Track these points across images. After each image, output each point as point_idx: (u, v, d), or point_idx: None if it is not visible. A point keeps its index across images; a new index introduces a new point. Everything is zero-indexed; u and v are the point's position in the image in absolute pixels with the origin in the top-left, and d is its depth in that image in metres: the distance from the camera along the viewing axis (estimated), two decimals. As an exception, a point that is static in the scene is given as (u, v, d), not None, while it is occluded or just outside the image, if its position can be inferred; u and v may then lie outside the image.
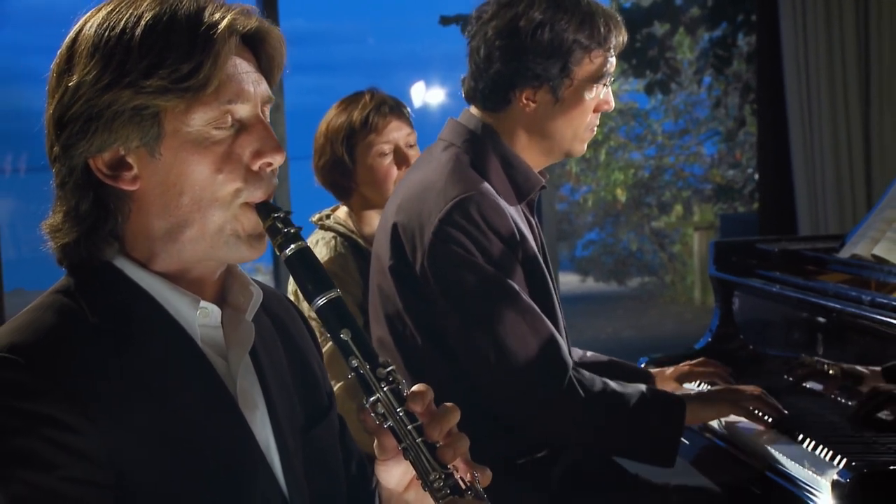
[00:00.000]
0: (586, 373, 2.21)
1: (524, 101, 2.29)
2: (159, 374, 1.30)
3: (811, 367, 2.47)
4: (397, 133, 2.95)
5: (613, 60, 2.33)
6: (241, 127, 1.34)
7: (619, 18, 2.33)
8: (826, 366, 2.43)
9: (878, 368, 2.27)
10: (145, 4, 1.32)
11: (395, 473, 1.36)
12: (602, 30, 2.27)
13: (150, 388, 1.29)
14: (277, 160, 1.36)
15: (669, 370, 2.62)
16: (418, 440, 1.28)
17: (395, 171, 2.92)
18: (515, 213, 2.29)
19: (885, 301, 2.26)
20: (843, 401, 2.36)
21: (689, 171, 12.64)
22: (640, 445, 2.22)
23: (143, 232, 1.35)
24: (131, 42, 1.29)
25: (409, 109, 3.03)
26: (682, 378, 2.61)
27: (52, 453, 1.20)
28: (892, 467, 1.92)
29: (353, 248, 2.95)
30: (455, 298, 2.18)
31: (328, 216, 3.04)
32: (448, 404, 1.32)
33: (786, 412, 2.28)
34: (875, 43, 4.96)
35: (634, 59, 8.34)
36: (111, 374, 1.26)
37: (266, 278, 6.80)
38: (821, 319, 2.46)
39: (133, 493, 1.25)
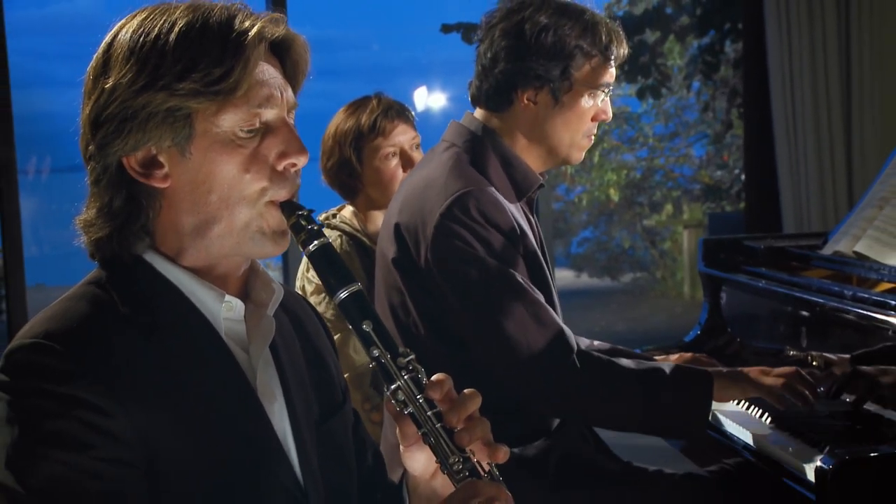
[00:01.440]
0: (595, 353, 2.19)
1: (525, 102, 2.29)
2: (185, 363, 1.31)
3: (796, 359, 2.47)
4: (403, 137, 2.95)
5: (613, 71, 2.33)
6: (267, 129, 1.35)
7: (622, 33, 2.33)
8: (810, 357, 2.43)
9: (846, 356, 2.27)
10: (178, 12, 1.33)
11: (419, 460, 1.36)
12: (604, 39, 2.28)
13: (176, 377, 1.29)
14: (301, 161, 1.37)
15: (674, 357, 2.61)
16: (437, 426, 1.29)
17: (400, 173, 2.92)
18: (515, 211, 2.29)
19: (866, 295, 2.26)
20: (826, 390, 2.36)
21: (679, 172, 12.64)
22: (668, 421, 2.18)
23: (172, 228, 1.35)
24: (166, 47, 1.29)
25: (413, 113, 3.03)
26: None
27: (85, 434, 1.21)
28: (872, 454, 1.92)
29: (358, 246, 2.95)
30: (459, 291, 2.17)
31: (334, 215, 3.04)
32: (468, 391, 1.32)
33: (820, 389, 2.21)
34: (856, 49, 4.96)
35: (627, 65, 8.32)
36: (140, 361, 1.27)
37: (275, 274, 6.79)
38: (805, 313, 2.45)
39: (158, 476, 1.25)
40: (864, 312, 2.21)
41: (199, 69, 1.28)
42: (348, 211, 3.04)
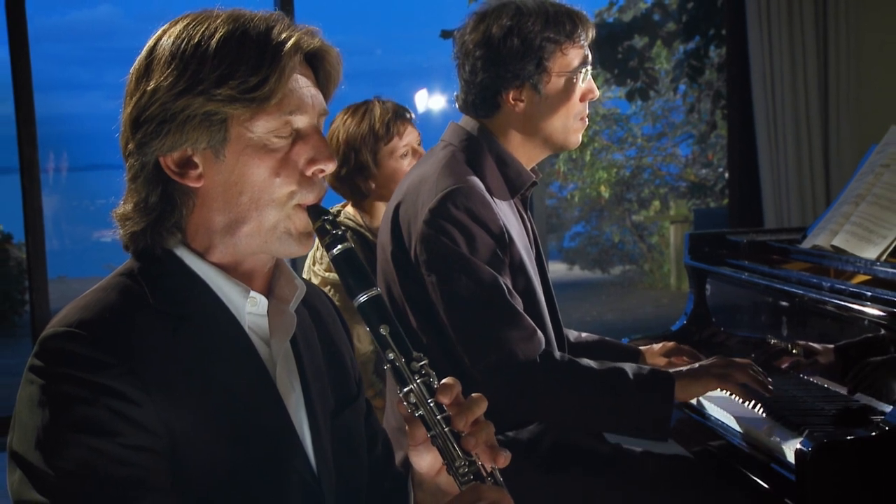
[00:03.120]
0: (558, 354, 2.16)
1: (512, 102, 2.28)
2: (209, 355, 1.30)
3: (779, 349, 2.47)
4: (412, 136, 2.98)
5: (587, 52, 2.31)
6: (298, 135, 1.35)
7: (585, 13, 2.30)
8: (790, 346, 2.43)
9: (831, 346, 2.27)
10: (220, 20, 1.32)
11: (426, 459, 1.35)
12: (567, 25, 2.26)
13: (200, 367, 1.29)
14: (329, 167, 1.36)
15: (657, 346, 2.60)
16: (446, 429, 1.28)
17: None
18: (508, 208, 2.28)
19: (842, 287, 2.26)
20: (806, 377, 2.36)
21: (666, 171, 12.65)
22: (631, 421, 2.12)
23: (203, 225, 1.35)
24: (206, 54, 1.29)
25: (412, 114, 3.04)
26: (670, 353, 2.58)
27: (112, 422, 1.21)
28: (849, 438, 1.92)
29: (362, 241, 2.94)
30: (440, 287, 2.15)
31: (338, 212, 3.04)
32: (475, 395, 1.32)
33: (770, 388, 2.21)
34: (833, 54, 4.96)
35: (616, 69, 8.34)
36: (167, 351, 1.27)
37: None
38: (785, 304, 2.45)
39: (180, 462, 1.25)
40: (841, 303, 2.21)
41: (237, 76, 1.28)
42: (351, 208, 3.04)
